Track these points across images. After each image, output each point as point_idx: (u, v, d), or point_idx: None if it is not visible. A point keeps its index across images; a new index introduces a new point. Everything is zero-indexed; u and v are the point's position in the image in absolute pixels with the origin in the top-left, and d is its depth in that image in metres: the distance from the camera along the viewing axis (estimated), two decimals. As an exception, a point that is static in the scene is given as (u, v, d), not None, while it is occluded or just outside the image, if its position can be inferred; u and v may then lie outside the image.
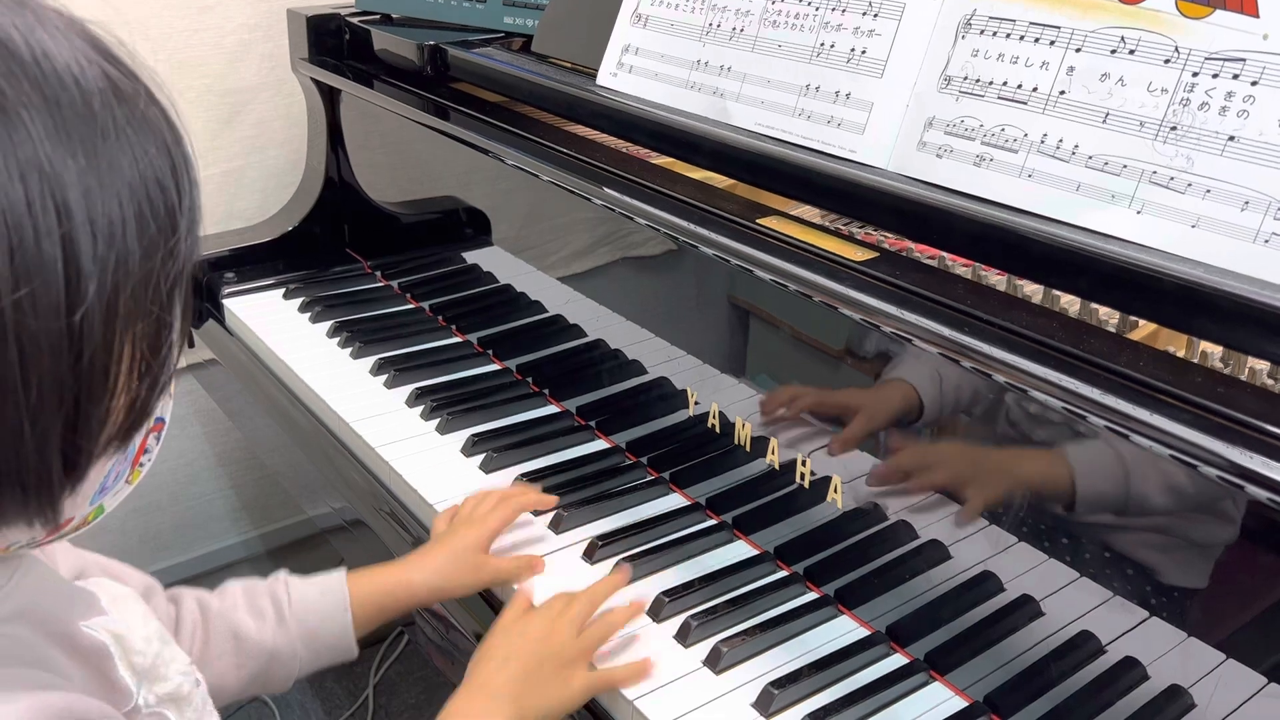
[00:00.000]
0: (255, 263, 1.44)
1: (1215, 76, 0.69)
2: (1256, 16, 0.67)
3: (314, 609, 0.83)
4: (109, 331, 0.46)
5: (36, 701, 0.49)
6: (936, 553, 0.81)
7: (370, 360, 1.23)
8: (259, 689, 0.82)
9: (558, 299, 1.15)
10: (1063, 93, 0.76)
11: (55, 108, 0.44)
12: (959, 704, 0.79)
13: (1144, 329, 0.76)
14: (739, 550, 0.94)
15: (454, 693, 0.75)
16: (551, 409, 1.15)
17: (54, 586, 0.57)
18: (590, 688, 0.78)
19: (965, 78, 0.82)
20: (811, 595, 0.89)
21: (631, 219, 0.98)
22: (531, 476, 1.02)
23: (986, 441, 0.77)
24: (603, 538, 0.93)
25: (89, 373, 0.45)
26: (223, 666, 0.79)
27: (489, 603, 0.91)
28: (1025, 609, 0.76)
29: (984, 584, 0.78)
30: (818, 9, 0.93)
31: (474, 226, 1.27)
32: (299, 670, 0.83)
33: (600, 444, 1.09)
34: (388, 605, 0.86)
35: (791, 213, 0.92)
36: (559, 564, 0.92)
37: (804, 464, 0.90)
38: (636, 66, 1.08)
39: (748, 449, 0.95)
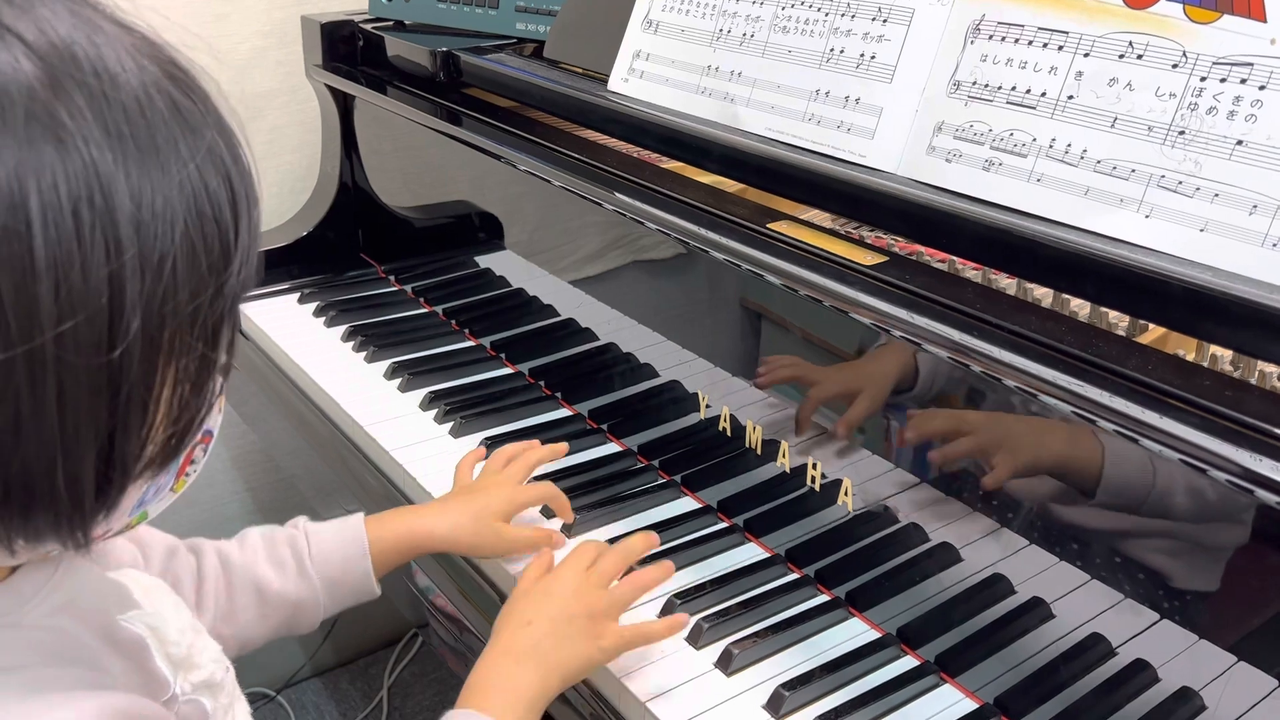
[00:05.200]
0: (270, 267, 1.45)
1: (1223, 81, 0.69)
2: (1264, 21, 0.68)
3: (334, 557, 0.84)
4: (149, 368, 0.45)
5: (101, 702, 0.50)
6: (947, 555, 0.81)
7: (384, 364, 1.24)
8: (285, 633, 0.84)
9: (570, 303, 1.16)
10: (1071, 97, 0.77)
11: (116, 137, 0.43)
12: (969, 706, 0.79)
13: (1153, 332, 0.76)
14: (750, 553, 0.95)
15: (479, 659, 0.74)
16: (564, 412, 1.16)
17: (92, 580, 0.58)
18: (623, 642, 0.76)
19: (974, 82, 0.82)
20: (822, 597, 0.89)
21: (642, 223, 0.99)
22: (543, 478, 1.03)
23: (998, 443, 0.77)
24: (615, 540, 0.94)
25: (126, 407, 0.44)
26: (247, 618, 0.80)
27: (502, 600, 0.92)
28: (1036, 611, 0.76)
29: (995, 586, 0.78)
30: (827, 15, 0.93)
31: (486, 231, 1.28)
32: (322, 614, 0.85)
33: (612, 447, 1.10)
34: (405, 551, 0.87)
35: (801, 217, 0.92)
36: (572, 566, 0.93)
37: (815, 467, 0.91)
38: (647, 72, 1.08)
39: (759, 452, 0.96)
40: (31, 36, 0.43)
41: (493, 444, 1.08)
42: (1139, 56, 0.73)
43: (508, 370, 1.24)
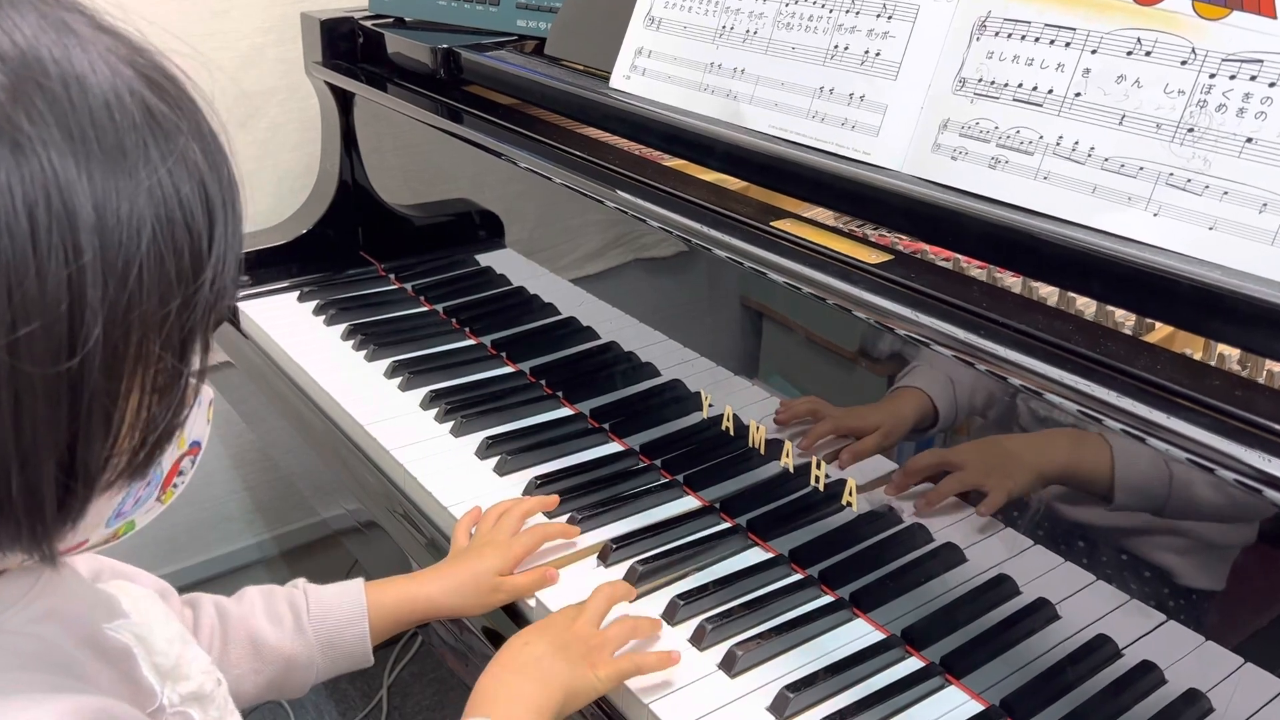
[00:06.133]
0: (269, 265, 1.44)
1: (1232, 78, 0.69)
2: (1274, 18, 0.67)
3: (332, 617, 0.83)
4: (113, 378, 0.44)
5: (71, 704, 0.49)
6: (952, 556, 0.81)
7: (384, 363, 1.23)
8: (276, 694, 0.83)
9: (571, 301, 1.15)
10: (1078, 94, 0.76)
11: (79, 141, 0.42)
12: (975, 708, 0.79)
13: (1160, 331, 0.76)
14: (753, 553, 0.94)
15: (480, 677, 0.75)
16: (565, 412, 1.15)
17: (78, 589, 0.58)
18: (618, 672, 0.77)
19: (980, 80, 0.82)
20: (826, 598, 0.89)
21: (645, 222, 0.98)
22: (545, 479, 1.02)
23: (1002, 445, 0.76)
24: (617, 540, 0.94)
25: (88, 417, 0.43)
26: (241, 672, 0.79)
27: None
28: (1041, 612, 0.76)
29: (1000, 587, 0.78)
30: (831, 11, 0.92)
31: (487, 229, 1.28)
32: (316, 677, 0.84)
33: (614, 447, 1.10)
34: (404, 617, 0.87)
35: (805, 215, 0.92)
36: (573, 567, 0.92)
37: (819, 467, 0.90)
38: (650, 69, 1.08)
39: (762, 452, 0.95)
40: None
41: (494, 443, 1.08)
42: (1147, 53, 0.73)
43: (508, 369, 1.24)
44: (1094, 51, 0.76)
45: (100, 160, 0.43)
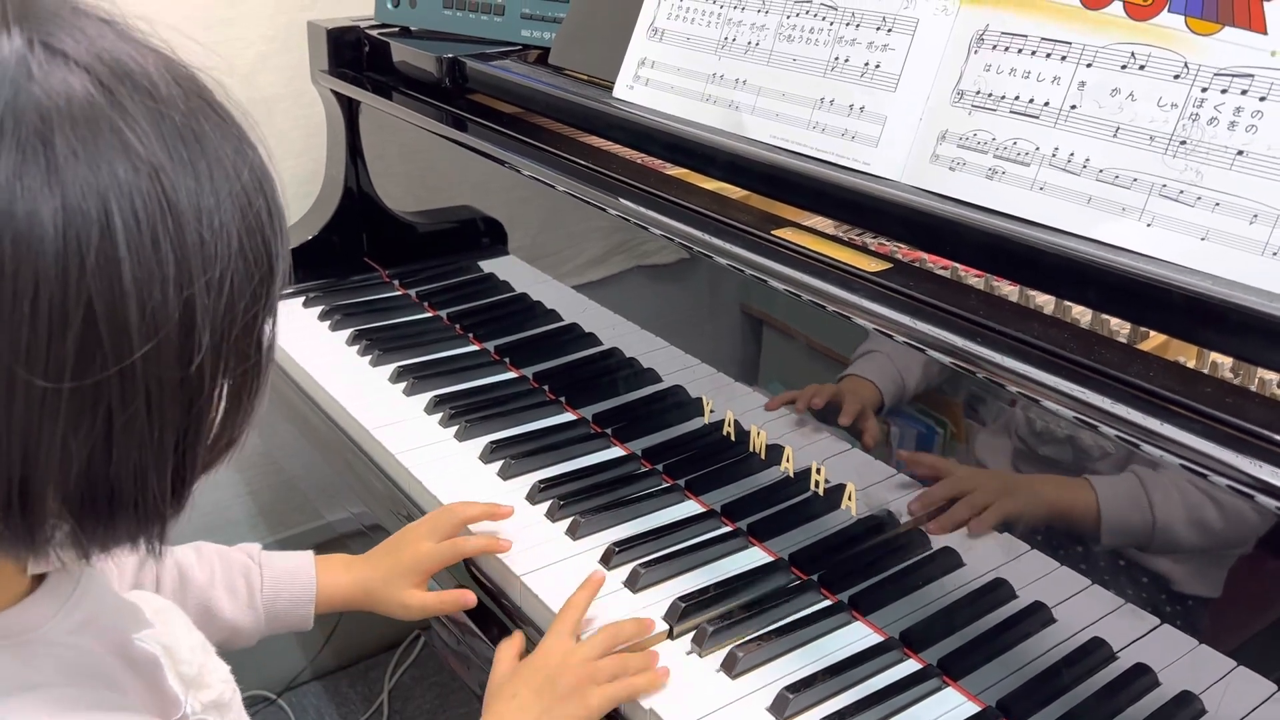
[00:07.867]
0: (274, 271, 1.45)
1: (1224, 92, 0.70)
2: (1265, 34, 0.68)
3: (283, 596, 0.88)
4: (214, 376, 0.47)
5: None
6: (950, 560, 0.82)
7: (389, 368, 1.24)
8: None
9: (573, 307, 1.16)
10: (1074, 107, 0.77)
11: (177, 159, 0.44)
12: (972, 709, 0.80)
13: (1154, 340, 0.77)
14: (754, 557, 0.95)
15: None
16: (568, 416, 1.17)
17: (108, 598, 0.59)
18: (610, 699, 0.78)
19: (978, 92, 0.83)
20: (826, 601, 0.90)
21: (646, 229, 0.99)
22: (548, 483, 1.04)
23: (1000, 451, 0.78)
24: (619, 544, 0.95)
25: (198, 415, 0.47)
26: None
27: (503, 600, 0.93)
28: (1037, 615, 0.77)
29: (996, 590, 0.79)
30: (832, 24, 0.94)
31: (490, 236, 1.29)
32: (254, 641, 0.89)
33: (617, 451, 1.11)
34: (338, 604, 0.92)
35: (805, 224, 0.93)
36: (577, 570, 0.93)
37: (819, 471, 0.91)
38: (652, 79, 1.09)
39: (763, 457, 0.96)
40: (79, 54, 0.43)
41: (497, 448, 1.09)
42: (1141, 67, 0.74)
43: (512, 375, 1.25)
44: (1089, 65, 0.77)
45: (191, 173, 0.45)
